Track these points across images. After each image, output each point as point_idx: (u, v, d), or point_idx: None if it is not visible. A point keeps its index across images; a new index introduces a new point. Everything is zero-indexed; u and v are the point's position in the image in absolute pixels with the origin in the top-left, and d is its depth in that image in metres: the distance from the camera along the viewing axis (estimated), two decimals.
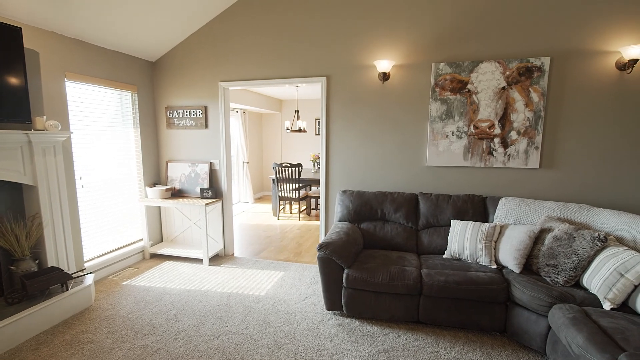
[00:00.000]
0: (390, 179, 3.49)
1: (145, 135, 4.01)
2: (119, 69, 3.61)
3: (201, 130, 4.02)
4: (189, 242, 4.24)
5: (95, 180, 3.46)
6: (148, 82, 4.03)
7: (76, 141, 3.24)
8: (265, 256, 4.13)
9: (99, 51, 3.39)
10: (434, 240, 3.03)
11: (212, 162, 4.02)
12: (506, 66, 3.05)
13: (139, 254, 3.97)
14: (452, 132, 3.26)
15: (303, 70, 3.58)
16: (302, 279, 3.42)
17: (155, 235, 4.22)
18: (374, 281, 2.52)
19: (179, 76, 4.00)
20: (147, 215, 4.03)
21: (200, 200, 3.88)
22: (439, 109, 3.26)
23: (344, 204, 3.29)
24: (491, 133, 3.16)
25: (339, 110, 3.54)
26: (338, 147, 3.59)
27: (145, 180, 4.05)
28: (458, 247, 2.78)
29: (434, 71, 3.22)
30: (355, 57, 3.42)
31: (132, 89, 3.79)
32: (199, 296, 3.05)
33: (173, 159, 4.19)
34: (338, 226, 3.04)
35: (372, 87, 3.42)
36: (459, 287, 2.39)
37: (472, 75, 3.14)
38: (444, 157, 3.30)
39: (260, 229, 5.39)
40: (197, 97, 3.97)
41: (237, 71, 3.78)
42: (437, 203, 3.10)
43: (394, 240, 3.09)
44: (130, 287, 3.25)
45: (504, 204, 2.92)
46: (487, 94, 3.12)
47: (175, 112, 4.05)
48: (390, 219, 3.20)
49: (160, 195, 3.91)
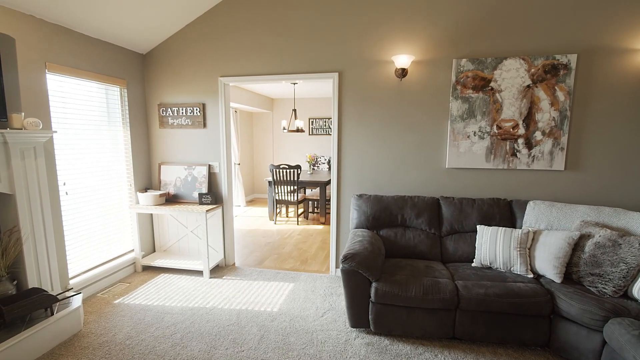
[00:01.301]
0: (407, 182, 3.29)
1: (135, 135, 3.63)
2: (106, 61, 3.23)
3: (199, 130, 3.68)
4: (185, 252, 3.88)
5: (80, 186, 3.06)
6: (138, 76, 3.65)
7: (59, 142, 2.85)
8: (269, 265, 3.84)
9: (84, 40, 3.00)
10: (459, 248, 2.85)
11: (211, 165, 3.69)
12: (531, 63, 2.91)
13: (129, 267, 3.58)
14: (473, 132, 3.09)
15: (313, 65, 3.32)
16: (315, 291, 3.16)
17: (147, 246, 3.83)
18: (406, 295, 2.30)
19: (174, 71, 3.65)
20: (139, 224, 3.64)
21: (198, 206, 3.54)
22: (460, 107, 3.08)
23: (360, 210, 3.06)
24: (515, 133, 3.01)
25: (351, 109, 3.30)
26: (351, 147, 3.35)
27: (136, 185, 3.66)
28: (489, 255, 2.61)
29: (455, 68, 3.04)
30: (369, 52, 3.19)
31: (121, 84, 3.41)
32: (205, 315, 2.73)
33: (167, 161, 3.82)
34: (358, 234, 2.80)
35: (388, 84, 3.20)
36: (500, 300, 2.20)
37: (496, 72, 2.98)
38: (465, 158, 3.13)
39: (259, 235, 5.08)
40: (194, 94, 3.63)
41: (239, 65, 3.47)
42: (461, 208, 2.92)
43: (417, 248, 2.89)
44: (123, 306, 2.89)
45: (532, 208, 2.77)
46: (511, 93, 2.97)
47: (169, 110, 3.69)
48: (411, 225, 2.99)
49: (153, 202, 3.55)
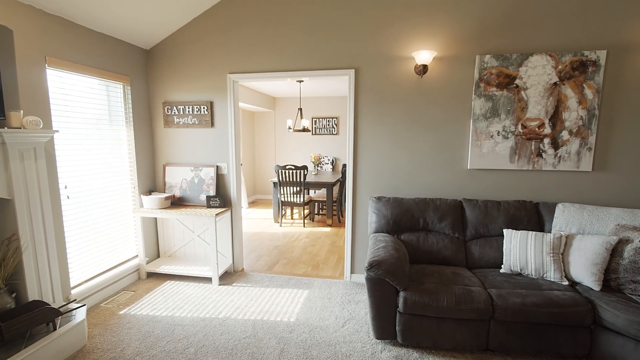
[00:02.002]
0: (426, 184, 3.15)
1: (139, 135, 3.44)
2: (108, 56, 3.04)
3: (206, 129, 3.50)
4: (191, 258, 3.70)
5: (82, 190, 2.87)
6: (142, 73, 3.46)
7: (60, 142, 2.66)
8: (280, 271, 3.67)
9: (86, 33, 2.81)
10: (485, 253, 2.72)
11: (219, 166, 3.52)
12: (558, 60, 2.79)
13: (133, 274, 3.39)
14: (497, 131, 2.96)
15: (328, 62, 3.16)
16: (332, 299, 3.01)
17: (152, 251, 3.65)
18: (437, 305, 2.16)
19: (179, 67, 3.47)
20: (143, 228, 3.46)
21: (206, 209, 3.37)
22: (483, 106, 2.95)
23: (380, 213, 2.91)
24: (541, 133, 2.89)
25: (368, 107, 3.15)
26: (367, 148, 3.20)
27: (140, 188, 3.48)
28: (520, 261, 2.48)
29: (478, 64, 2.91)
30: (388, 48, 3.04)
31: (124, 81, 3.22)
32: (218, 326, 2.57)
33: (172, 162, 3.64)
34: (380, 239, 2.65)
35: (408, 82, 3.06)
36: (539, 310, 2.07)
37: (521, 69, 2.85)
38: (488, 159, 3.00)
39: (265, 238, 4.91)
40: (201, 91, 3.45)
41: (249, 62, 3.31)
42: (486, 210, 2.79)
43: (440, 254, 2.75)
44: (130, 317, 2.71)
45: (562, 211, 2.65)
46: (537, 90, 2.85)
47: (175, 109, 3.51)
48: (433, 229, 2.86)
49: (158, 205, 3.36)
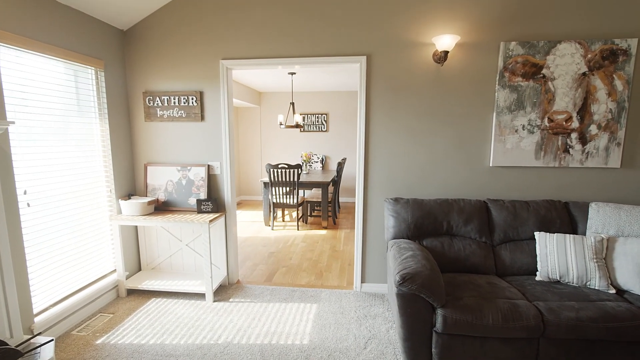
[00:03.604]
0: (443, 183, 2.88)
1: (115, 129, 2.95)
2: (77, 36, 2.54)
3: (195, 124, 3.06)
4: (179, 270, 3.25)
5: (46, 195, 2.37)
6: (118, 57, 2.97)
7: (17, 138, 2.16)
8: (281, 282, 3.30)
9: (49, 4, 2.31)
10: (516, 258, 2.48)
11: (211, 165, 3.09)
12: (588, 48, 2.59)
13: (111, 292, 2.91)
14: (522, 125, 2.73)
15: (336, 47, 2.82)
16: (345, 314, 2.68)
17: (132, 264, 3.17)
18: (482, 324, 1.88)
19: (163, 51, 3.00)
20: (122, 238, 2.97)
21: (196, 215, 2.94)
22: (507, 97, 2.71)
23: (399, 217, 2.61)
24: (568, 127, 2.69)
25: (381, 99, 2.84)
26: (380, 144, 2.89)
27: (117, 191, 2.99)
28: (559, 268, 2.25)
29: (502, 52, 2.66)
30: (404, 32, 2.74)
31: (97, 65, 2.73)
32: (220, 355, 2.17)
33: (155, 161, 3.17)
34: (404, 247, 2.34)
35: (425, 70, 2.77)
36: (596, 325, 1.83)
37: (548, 57, 2.63)
38: (512, 155, 2.76)
39: (258, 243, 4.50)
40: (189, 80, 3.01)
41: (245, 46, 2.90)
42: (515, 212, 2.55)
43: (468, 260, 2.48)
44: (109, 347, 2.25)
45: (596, 211, 2.45)
46: (565, 81, 2.64)
47: (158, 100, 3.05)
48: (458, 233, 2.59)
49: (140, 211, 2.90)
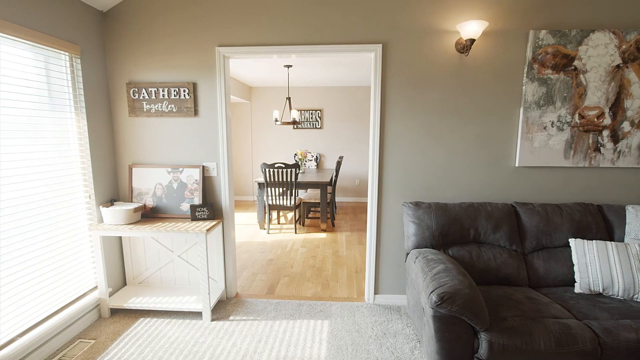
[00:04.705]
0: (464, 185, 2.64)
1: (95, 126, 2.56)
2: (47, 15, 2.15)
3: (187, 119, 2.71)
4: (169, 284, 2.90)
5: (11, 204, 1.99)
6: (97, 42, 2.58)
7: None
8: (284, 294, 2.99)
9: None
10: (551, 268, 2.26)
11: (206, 166, 2.75)
12: (623, 38, 2.39)
13: (92, 312, 2.53)
14: (551, 122, 2.51)
15: (348, 34, 2.52)
16: (362, 331, 2.41)
17: (116, 278, 2.79)
18: (533, 349, 1.64)
19: (150, 37, 2.63)
20: (104, 250, 2.60)
21: (190, 223, 2.60)
22: (536, 91, 2.48)
23: (422, 223, 2.35)
24: (599, 124, 2.49)
25: (398, 93, 2.57)
26: (396, 142, 2.62)
27: (98, 197, 2.61)
28: (602, 279, 2.04)
29: (532, 41, 2.43)
30: (424, 17, 2.47)
31: (72, 50, 2.34)
32: None
33: (141, 162, 2.80)
34: (432, 258, 2.08)
35: (447, 61, 2.51)
36: None
37: (580, 48, 2.42)
38: (540, 154, 2.55)
39: (254, 249, 4.17)
40: (180, 70, 2.65)
41: (246, 32, 2.57)
42: (547, 217, 2.34)
43: (500, 271, 2.25)
44: None
45: (634, 215, 2.26)
46: (598, 74, 2.43)
47: (145, 92, 2.67)
48: (486, 240, 2.35)
49: (124, 219, 2.53)
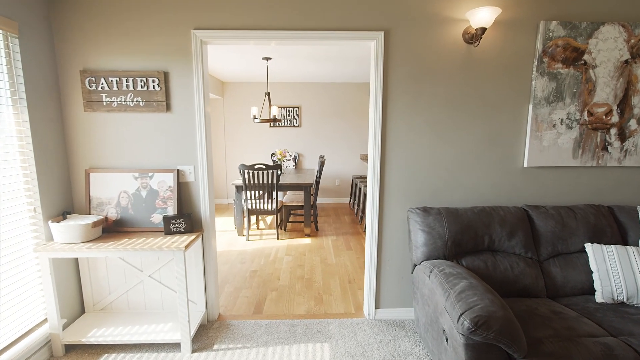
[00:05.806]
0: (471, 186, 2.45)
1: (40, 122, 2.08)
2: None
3: (158, 115, 2.29)
4: (138, 308, 2.47)
5: None
6: (41, 19, 2.09)
7: None
8: (274, 312, 2.66)
9: None
10: (569, 276, 2.11)
11: (181, 170, 2.35)
12: (631, 32, 2.29)
13: (42, 352, 2.06)
14: (560, 119, 2.37)
15: (345, 19, 2.23)
16: (367, 355, 2.14)
17: (71, 306, 2.32)
18: None
19: (111, 15, 2.18)
20: (54, 275, 2.13)
21: (164, 238, 2.19)
22: (546, 87, 2.33)
23: (433, 231, 2.11)
24: (608, 121, 2.39)
25: (401, 87, 2.32)
26: (399, 141, 2.37)
27: (46, 210, 2.13)
28: (626, 287, 1.91)
29: (542, 32, 2.27)
30: (430, 3, 2.23)
31: (7, 27, 1.85)
32: None
33: (101, 166, 2.34)
34: (450, 272, 1.85)
35: (453, 52, 2.29)
36: None
37: (590, 41, 2.29)
38: (548, 154, 2.40)
39: (234, 259, 3.78)
40: (148, 56, 2.23)
41: (226, 14, 2.20)
42: (562, 220, 2.19)
43: (519, 282, 2.06)
44: None
45: None
46: (607, 69, 2.32)
47: (104, 82, 2.22)
48: (500, 248, 2.16)
49: (81, 236, 2.08)
